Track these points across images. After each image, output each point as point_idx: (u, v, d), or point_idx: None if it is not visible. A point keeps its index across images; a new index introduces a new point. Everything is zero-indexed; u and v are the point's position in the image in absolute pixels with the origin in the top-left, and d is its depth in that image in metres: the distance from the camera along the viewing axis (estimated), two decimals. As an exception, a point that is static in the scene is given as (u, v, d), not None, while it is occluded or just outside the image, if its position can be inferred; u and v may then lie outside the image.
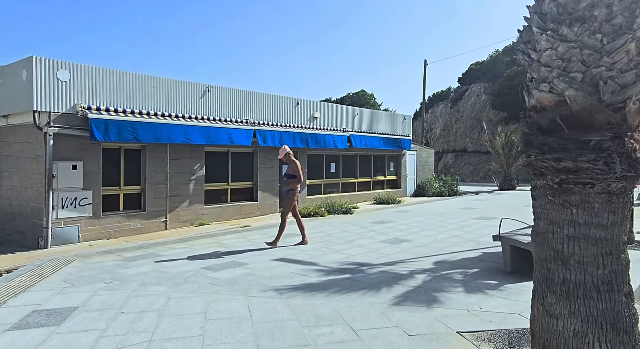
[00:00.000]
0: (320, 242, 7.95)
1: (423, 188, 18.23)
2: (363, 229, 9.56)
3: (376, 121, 16.57)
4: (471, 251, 7.03)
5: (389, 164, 17.59)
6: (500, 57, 48.41)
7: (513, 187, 20.69)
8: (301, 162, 13.60)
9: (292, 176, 7.74)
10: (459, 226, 9.73)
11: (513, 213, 11.81)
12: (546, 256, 2.92)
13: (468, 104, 45.33)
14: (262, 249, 7.31)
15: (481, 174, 37.03)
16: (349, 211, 12.47)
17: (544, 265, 2.93)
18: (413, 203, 15.20)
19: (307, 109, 13.75)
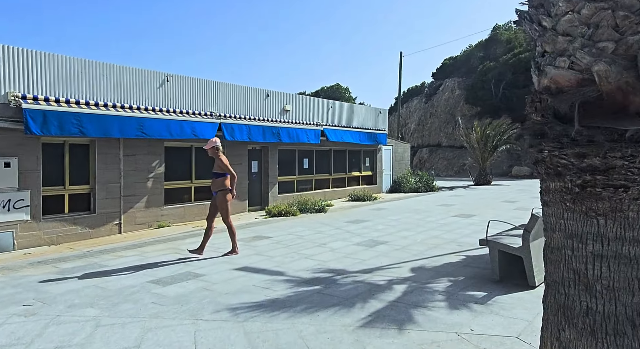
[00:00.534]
0: (290, 247, 7.22)
1: (399, 184, 17.75)
2: (337, 229, 8.89)
3: (351, 114, 15.91)
4: (453, 254, 6.47)
5: (364, 159, 17.01)
6: (473, 52, 48.73)
7: (488, 182, 20.53)
8: (272, 158, 12.84)
9: (219, 174, 6.57)
10: (438, 225, 9.20)
11: (492, 210, 11.47)
12: (563, 278, 2.29)
13: (442, 99, 45.44)
14: (224, 256, 6.52)
15: (455, 168, 37.14)
16: (322, 210, 11.78)
17: (561, 290, 2.31)
18: (389, 200, 14.67)
19: (278, 101, 12.93)
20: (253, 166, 12.47)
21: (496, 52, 43.10)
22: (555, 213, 2.35)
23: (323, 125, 14.29)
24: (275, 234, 8.45)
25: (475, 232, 8.25)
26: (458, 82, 44.00)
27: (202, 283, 5.07)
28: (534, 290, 4.59)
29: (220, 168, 6.55)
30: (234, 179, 6.62)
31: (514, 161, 32.00)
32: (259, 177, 12.66)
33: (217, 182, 6.55)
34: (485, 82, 38.10)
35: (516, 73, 36.00)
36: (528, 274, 4.68)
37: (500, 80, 36.81)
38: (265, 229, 9.08)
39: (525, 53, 36.29)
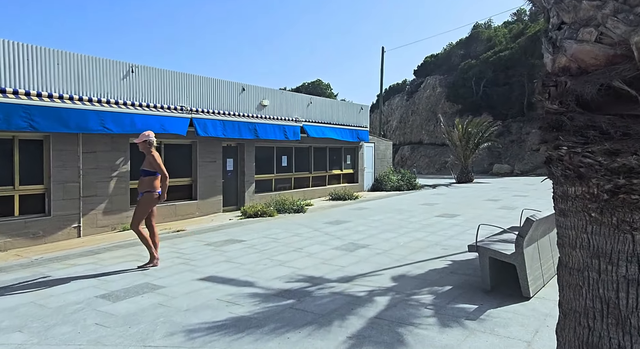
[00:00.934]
0: (264, 251, 6.65)
1: (381, 182, 17.35)
2: (316, 231, 8.37)
3: (332, 110, 15.40)
4: (438, 259, 6.03)
5: (345, 157, 16.54)
6: (454, 50, 48.91)
7: (470, 179, 20.36)
8: (248, 156, 12.22)
9: (149, 173, 5.77)
10: (421, 226, 8.78)
11: (476, 209, 11.13)
12: (586, 307, 1.82)
13: (423, 97, 45.42)
14: (189, 264, 5.92)
15: (437, 166, 37.12)
16: (301, 210, 11.24)
17: (583, 322, 1.84)
18: (371, 199, 14.24)
19: (255, 96, 12.31)
20: (228, 164, 11.83)
21: (477, 50, 43.30)
22: (576, 225, 1.87)
23: (302, 121, 13.73)
24: (249, 237, 7.88)
25: (459, 234, 7.85)
26: (439, 80, 44.02)
27: (159, 297, 4.47)
28: (529, 302, 4.17)
29: (150, 166, 5.75)
30: (165, 181, 5.77)
31: (495, 158, 32.13)
32: (234, 175, 12.03)
33: (144, 182, 5.74)
34: (466, 80, 38.18)
35: (496, 71, 36.16)
36: (522, 284, 4.26)
37: (480, 78, 36.92)
38: (239, 231, 8.49)
39: (506, 51, 36.48)
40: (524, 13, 51.69)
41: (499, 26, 47.64)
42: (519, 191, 16.09)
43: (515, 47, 36.15)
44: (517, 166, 29.38)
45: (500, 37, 42.58)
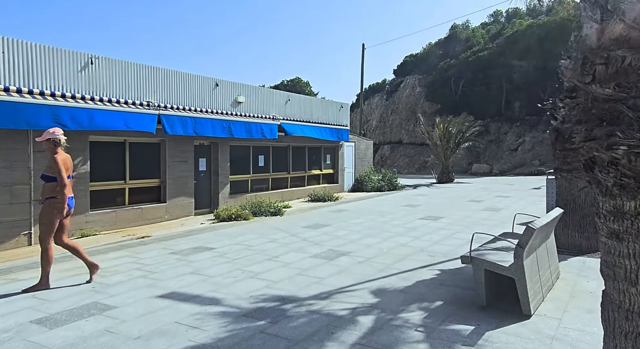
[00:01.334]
0: (235, 261, 6.05)
1: (362, 182, 16.92)
2: (293, 237, 7.80)
3: (311, 108, 14.85)
4: (425, 269, 5.56)
5: (325, 156, 16.01)
6: (433, 50, 49.07)
7: (451, 179, 20.17)
8: (223, 155, 11.54)
9: (49, 178, 4.79)
10: (405, 230, 8.33)
11: (460, 211, 10.75)
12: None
13: (403, 96, 45.40)
14: (149, 277, 5.26)
15: (417, 165, 37.07)
16: (278, 212, 10.65)
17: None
18: (352, 200, 13.76)
19: (229, 92, 11.63)
20: (200, 164, 11.12)
21: (455, 50, 43.53)
22: (638, 253, 1.39)
23: (280, 119, 13.13)
24: (220, 243, 7.24)
25: (445, 239, 7.43)
26: (419, 80, 44.07)
27: (107, 321, 3.82)
28: (530, 321, 3.72)
29: (50, 169, 4.77)
30: (62, 188, 4.70)
31: (474, 158, 32.26)
32: (207, 176, 11.33)
33: (46, 188, 4.81)
34: (445, 80, 38.28)
35: (475, 71, 36.36)
36: (522, 300, 3.81)
37: (459, 78, 37.07)
38: (210, 237, 7.84)
39: (484, 52, 36.71)
40: (501, 14, 52.49)
41: (476, 27, 48.06)
42: (500, 191, 15.92)
43: (494, 47, 36.43)
44: (496, 166, 29.54)
45: (478, 37, 42.93)
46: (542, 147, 28.94)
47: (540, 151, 28.78)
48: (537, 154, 28.64)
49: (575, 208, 6.30)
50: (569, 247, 6.32)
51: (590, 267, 5.49)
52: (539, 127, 30.86)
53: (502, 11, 52.77)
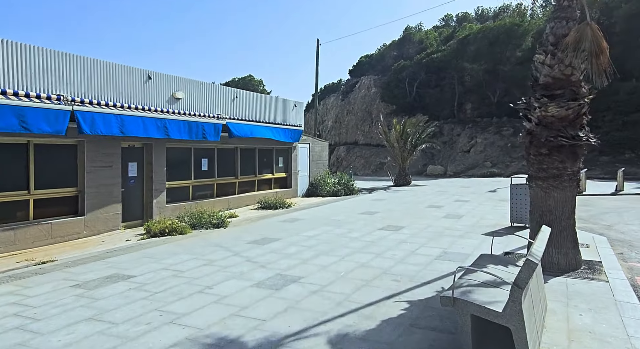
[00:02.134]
0: (156, 296, 4.78)
1: (317, 186, 15.93)
2: (235, 256, 6.62)
3: (261, 107, 13.64)
4: (391, 300, 4.60)
5: (277, 159, 14.86)
6: (388, 51, 49.24)
7: (408, 182, 19.69)
8: (158, 159, 10.06)
9: None
10: (364, 245, 7.38)
11: (420, 219, 9.89)
12: None
13: (359, 97, 45.11)
14: (26, 329, 3.90)
15: (373, 167, 36.76)
16: (222, 224, 9.37)
17: None
18: (305, 207, 12.71)
19: (165, 86, 10.19)
20: (130, 169, 9.61)
21: (409, 51, 43.82)
22: None
23: (226, 118, 11.83)
24: (143, 269, 5.92)
25: (409, 256, 6.56)
26: (374, 80, 43.93)
27: None
28: (534, 387, 2.83)
29: None
30: None
31: (428, 159, 32.36)
32: (139, 183, 9.83)
33: None
34: (400, 81, 38.29)
35: (429, 73, 36.62)
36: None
37: (414, 79, 37.19)
38: (132, 260, 6.47)
39: (438, 53, 37.07)
40: (451, 18, 53.78)
41: (429, 29, 48.81)
42: (458, 195, 15.52)
43: (447, 49, 36.86)
44: (450, 167, 29.71)
45: (431, 39, 43.46)
46: (494, 149, 29.46)
47: (491, 152, 29.26)
48: (488, 155, 29.09)
49: (552, 220, 5.62)
50: (546, 266, 5.63)
51: (577, 292, 4.78)
52: (490, 129, 31.46)
53: (453, 15, 54.20)
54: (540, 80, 5.71)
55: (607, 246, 7.05)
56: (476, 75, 34.35)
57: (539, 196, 5.74)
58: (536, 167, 5.75)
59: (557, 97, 5.49)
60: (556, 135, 5.49)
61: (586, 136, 5.46)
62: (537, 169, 5.73)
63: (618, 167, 24.03)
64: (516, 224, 8.92)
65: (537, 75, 5.77)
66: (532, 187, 5.88)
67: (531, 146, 5.82)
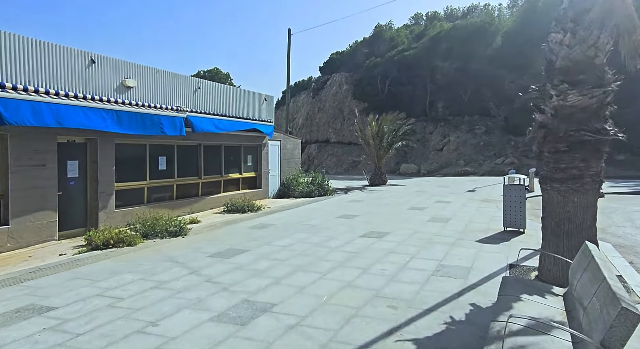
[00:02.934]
0: (77, 340, 3.55)
1: (289, 187, 14.79)
2: (192, 275, 5.42)
3: (228, 99, 12.37)
4: (391, 338, 3.58)
5: (245, 157, 13.61)
6: (359, 48, 48.57)
7: (384, 182, 18.87)
8: (105, 156, 8.62)
9: None
10: (347, 256, 6.35)
11: (405, 223, 8.81)
12: None
13: (330, 94, 44.20)
14: None
15: (345, 165, 35.93)
16: (180, 232, 8.10)
17: None
18: (277, 209, 11.57)
19: (113, 72, 8.79)
20: (70, 169, 8.16)
21: (380, 49, 43.28)
22: None
23: (187, 111, 10.51)
24: (69, 296, 4.63)
25: (402, 270, 5.58)
26: (345, 77, 43.12)
27: None
28: None
29: None
30: None
31: (401, 158, 31.84)
32: (81, 185, 8.39)
33: None
34: (372, 78, 37.64)
35: (401, 70, 36.12)
36: None
37: (386, 77, 36.62)
38: (59, 283, 5.15)
39: (410, 51, 36.64)
40: (421, 17, 53.83)
41: (400, 27, 48.55)
42: (438, 195, 14.80)
43: (419, 46, 36.50)
44: (423, 166, 29.28)
45: (402, 37, 43.10)
46: (466, 147, 29.25)
47: (464, 151, 29.03)
48: (461, 154, 28.84)
49: (571, 230, 4.77)
50: (564, 285, 4.77)
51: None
52: (462, 128, 31.28)
53: (422, 14, 54.26)
54: (556, 64, 4.83)
55: (616, 255, 6.35)
56: (448, 73, 34.15)
57: (556, 201, 4.88)
58: (552, 166, 4.88)
59: (578, 84, 4.63)
60: (578, 128, 4.63)
61: (613, 130, 4.62)
62: (553, 169, 4.86)
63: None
64: (509, 228, 8.16)
65: (553, 58, 4.89)
66: (546, 191, 5.02)
67: (545, 141, 4.95)
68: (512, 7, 45.64)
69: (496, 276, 5.27)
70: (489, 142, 29.01)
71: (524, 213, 7.88)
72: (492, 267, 5.69)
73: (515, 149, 27.71)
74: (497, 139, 29.24)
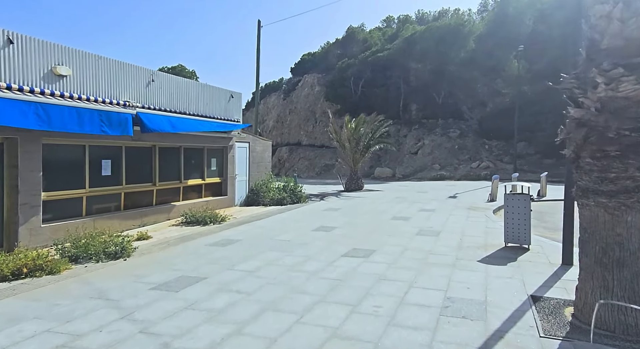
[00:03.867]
0: None
1: (258, 194, 13.41)
2: (122, 322, 4.00)
3: (188, 95, 10.88)
4: None
5: (209, 161, 12.13)
6: (331, 49, 47.68)
7: (360, 187, 17.76)
8: (28, 159, 6.91)
9: None
10: (329, 286, 5.08)
11: (391, 237, 7.31)
12: None
13: (302, 95, 42.99)
14: None
15: (317, 169, 34.75)
16: (122, 253, 6.58)
17: None
18: (244, 221, 10.17)
19: (40, 57, 7.18)
20: None
21: (353, 50, 42.51)
22: None
23: (138, 107, 8.98)
24: None
25: (401, 309, 4.36)
26: (317, 78, 42.02)
27: None
28: None
29: None
30: None
31: (375, 161, 30.99)
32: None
33: None
34: (345, 80, 36.74)
35: (374, 71, 35.39)
36: None
37: (359, 78, 35.78)
38: None
39: (384, 51, 35.98)
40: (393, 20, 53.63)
41: (373, 29, 48.05)
42: (419, 202, 13.80)
43: (393, 47, 35.90)
44: (398, 170, 28.49)
45: (375, 38, 42.52)
46: (441, 150, 28.72)
47: (439, 154, 28.47)
48: (436, 157, 28.26)
49: (624, 258, 3.70)
50: (615, 329, 3.69)
51: None
52: (437, 131, 30.78)
53: (394, 17, 54.09)
54: (602, 44, 3.76)
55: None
56: (421, 75, 33.69)
57: (602, 220, 3.80)
58: (596, 176, 3.80)
59: (635, 69, 3.56)
60: (634, 126, 3.57)
61: (682, 129, 3.58)
62: (598, 179, 3.78)
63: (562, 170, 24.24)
64: (511, 244, 7.14)
65: (597, 36, 3.82)
66: (587, 207, 3.94)
67: (586, 143, 3.87)
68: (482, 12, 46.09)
69: (521, 314, 4.15)
70: (463, 146, 28.57)
71: (528, 227, 6.87)
72: (510, 300, 4.57)
73: (489, 153, 27.39)
74: (472, 142, 28.87)
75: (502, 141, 28.18)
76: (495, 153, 27.12)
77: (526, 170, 23.89)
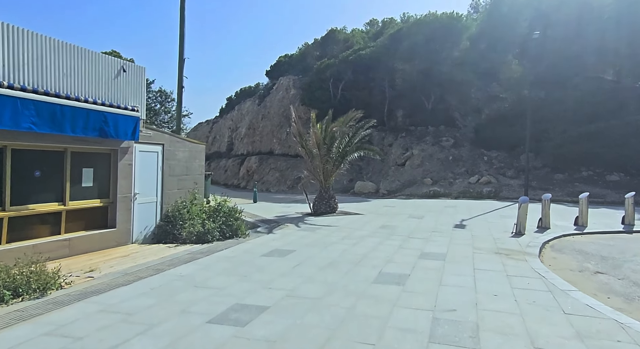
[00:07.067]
0: None
1: (174, 222, 8.79)
2: None
3: (36, 60, 6.27)
4: None
5: (79, 172, 7.48)
6: (309, 51, 43.61)
7: (333, 209, 13.21)
8: None
9: None
10: None
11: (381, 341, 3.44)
12: None
13: (276, 99, 38.55)
14: None
15: (289, 182, 30.17)
16: None
17: None
18: (121, 283, 5.50)
19: None
20: None
21: (333, 51, 38.42)
22: None
23: None
24: None
25: None
26: (293, 81, 37.66)
27: None
28: None
29: None
30: None
31: (355, 174, 26.61)
32: None
33: None
34: (323, 81, 32.45)
35: (356, 72, 31.21)
36: None
37: (339, 80, 31.57)
38: None
39: (367, 50, 31.90)
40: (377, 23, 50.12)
41: (355, 29, 44.36)
42: (415, 235, 9.39)
43: (378, 45, 31.92)
44: (383, 184, 24.13)
45: (357, 38, 38.62)
46: (433, 162, 24.54)
47: (431, 167, 24.27)
48: (428, 170, 24.04)
49: None
50: None
51: None
52: (427, 140, 26.67)
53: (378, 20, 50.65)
54: None
55: None
56: (409, 77, 29.70)
57: None
58: None
59: None
60: None
61: None
62: None
63: (577, 188, 20.31)
64: None
65: None
66: None
67: None
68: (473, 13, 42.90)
69: None
70: (458, 157, 24.48)
71: None
72: None
73: (489, 166, 23.35)
74: (468, 153, 24.82)
75: (503, 152, 24.22)
76: (497, 166, 23.11)
77: (535, 187, 19.85)
